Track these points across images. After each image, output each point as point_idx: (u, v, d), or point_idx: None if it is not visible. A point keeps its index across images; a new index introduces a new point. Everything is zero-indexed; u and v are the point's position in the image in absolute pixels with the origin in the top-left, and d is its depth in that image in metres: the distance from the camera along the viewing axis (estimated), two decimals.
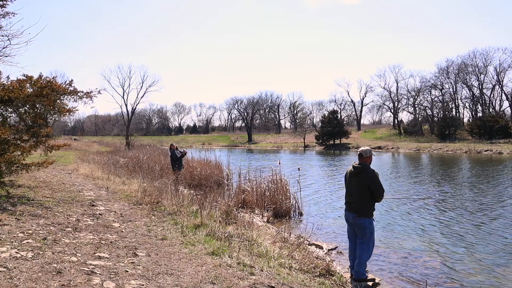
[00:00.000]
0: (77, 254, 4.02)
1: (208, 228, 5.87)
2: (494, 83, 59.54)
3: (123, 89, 58.18)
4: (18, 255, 3.74)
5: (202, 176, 14.22)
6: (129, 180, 11.29)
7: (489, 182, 16.36)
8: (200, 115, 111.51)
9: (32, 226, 4.98)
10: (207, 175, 14.30)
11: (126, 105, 58.53)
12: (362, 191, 5.09)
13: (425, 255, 6.65)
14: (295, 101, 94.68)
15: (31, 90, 7.68)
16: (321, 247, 6.80)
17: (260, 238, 5.94)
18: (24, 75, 7.81)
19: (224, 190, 12.43)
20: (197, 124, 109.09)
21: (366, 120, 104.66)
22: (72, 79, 8.17)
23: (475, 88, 60.76)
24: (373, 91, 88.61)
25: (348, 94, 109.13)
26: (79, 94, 8.21)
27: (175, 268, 4.00)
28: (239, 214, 7.49)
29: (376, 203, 5.26)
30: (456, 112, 63.23)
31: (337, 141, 57.28)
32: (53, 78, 8.09)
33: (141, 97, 60.00)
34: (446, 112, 58.71)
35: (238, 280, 3.81)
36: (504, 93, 60.02)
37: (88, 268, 3.64)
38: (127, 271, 3.69)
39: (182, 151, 13.20)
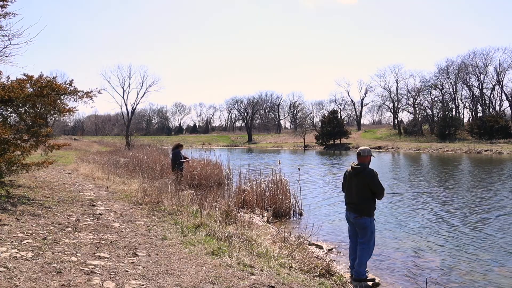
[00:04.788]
0: (77, 254, 4.02)
1: (208, 228, 5.87)
2: (494, 83, 59.61)
3: (123, 89, 58.45)
4: (18, 255, 3.74)
5: (202, 176, 14.21)
6: (129, 180, 11.27)
7: (489, 182, 16.36)
8: (200, 115, 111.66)
9: (32, 226, 4.98)
10: (207, 175, 14.29)
11: (126, 105, 58.82)
12: (362, 191, 5.10)
13: (426, 255, 6.65)
14: (295, 101, 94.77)
15: (31, 90, 7.66)
16: (321, 247, 6.80)
17: (260, 238, 5.94)
18: (24, 75, 7.81)
19: (224, 190, 12.42)
20: (197, 124, 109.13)
21: (366, 120, 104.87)
22: (73, 79, 8.16)
23: (475, 88, 60.84)
24: (373, 91, 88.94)
25: (348, 94, 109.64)
26: (79, 94, 8.20)
27: (175, 268, 4.00)
28: (239, 214, 7.47)
29: (376, 202, 5.28)
30: (456, 112, 63.28)
31: (337, 141, 57.30)
32: (53, 78, 8.08)
33: (141, 97, 60.36)
34: (446, 112, 58.72)
35: (238, 280, 3.82)
36: (504, 93, 60.12)
37: (88, 268, 3.63)
38: (127, 271, 3.69)
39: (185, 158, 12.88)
